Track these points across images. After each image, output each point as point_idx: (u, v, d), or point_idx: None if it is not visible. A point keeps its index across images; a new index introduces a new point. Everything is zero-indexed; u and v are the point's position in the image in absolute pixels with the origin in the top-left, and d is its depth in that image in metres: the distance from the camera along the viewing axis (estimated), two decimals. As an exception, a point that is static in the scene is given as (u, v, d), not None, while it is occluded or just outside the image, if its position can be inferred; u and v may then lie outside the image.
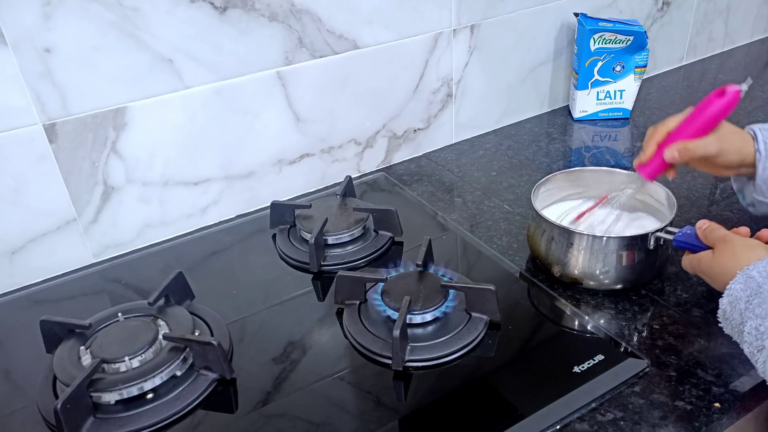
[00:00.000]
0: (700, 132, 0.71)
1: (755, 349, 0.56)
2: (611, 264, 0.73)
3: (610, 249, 0.72)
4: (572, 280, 0.76)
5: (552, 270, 0.77)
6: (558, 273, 0.77)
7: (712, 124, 0.71)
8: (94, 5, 0.75)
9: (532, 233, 0.79)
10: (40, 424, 0.63)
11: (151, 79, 0.82)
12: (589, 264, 0.74)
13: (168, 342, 0.67)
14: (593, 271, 0.74)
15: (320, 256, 0.83)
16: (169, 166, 0.88)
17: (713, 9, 1.40)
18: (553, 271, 0.77)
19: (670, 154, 0.72)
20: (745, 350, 0.58)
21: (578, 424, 0.60)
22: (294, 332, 0.73)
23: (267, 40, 0.88)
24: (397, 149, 1.09)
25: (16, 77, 0.74)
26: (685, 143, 0.71)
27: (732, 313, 0.59)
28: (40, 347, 0.69)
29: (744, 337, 0.57)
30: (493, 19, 1.08)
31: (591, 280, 0.75)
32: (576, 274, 0.75)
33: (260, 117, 0.93)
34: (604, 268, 0.73)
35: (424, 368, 0.66)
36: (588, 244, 0.73)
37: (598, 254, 0.73)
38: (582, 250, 0.73)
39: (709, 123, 0.71)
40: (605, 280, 0.74)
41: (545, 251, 0.77)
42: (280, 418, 0.63)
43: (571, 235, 0.74)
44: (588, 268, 0.74)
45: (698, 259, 0.68)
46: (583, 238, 0.73)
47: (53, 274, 0.86)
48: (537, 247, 0.78)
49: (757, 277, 0.58)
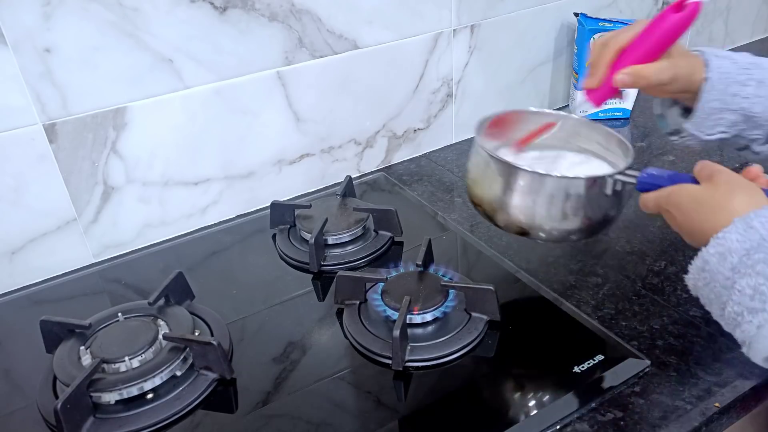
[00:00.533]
0: (655, 51, 0.64)
1: (747, 310, 0.50)
2: (565, 210, 0.63)
3: (562, 192, 0.63)
4: (519, 230, 0.67)
5: (495, 219, 0.68)
6: (503, 222, 0.67)
7: (668, 42, 0.64)
8: (94, 5, 0.76)
9: (474, 175, 0.70)
10: (40, 424, 0.63)
11: (151, 79, 0.82)
12: (537, 210, 0.64)
13: (168, 342, 0.67)
14: (542, 219, 0.64)
15: (320, 256, 0.83)
16: (169, 166, 0.88)
17: (713, 9, 1.40)
18: (497, 220, 0.67)
19: (622, 80, 0.64)
20: (726, 313, 0.52)
21: (578, 424, 0.60)
22: (294, 332, 0.73)
23: (267, 40, 0.88)
24: (397, 149, 1.09)
25: (16, 77, 0.74)
26: (638, 69, 0.64)
27: (718, 266, 0.52)
28: (40, 347, 0.69)
29: (732, 296, 0.51)
30: (493, 19, 1.08)
31: (540, 231, 0.66)
32: (523, 221, 0.65)
33: (260, 117, 0.93)
34: (556, 215, 0.64)
35: (424, 368, 0.66)
36: (536, 185, 0.63)
37: (549, 198, 0.63)
38: (529, 192, 0.63)
39: (664, 41, 0.64)
40: (553, 232, 0.66)
41: (488, 195, 0.67)
42: (280, 418, 0.63)
43: (516, 173, 0.63)
44: (536, 214, 0.64)
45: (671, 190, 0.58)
46: (531, 177, 0.63)
47: (53, 274, 0.86)
48: (478, 189, 0.68)
49: (759, 227, 0.50)
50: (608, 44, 0.65)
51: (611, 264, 0.81)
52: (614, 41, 0.65)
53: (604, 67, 0.65)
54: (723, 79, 0.66)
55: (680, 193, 0.57)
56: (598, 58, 0.66)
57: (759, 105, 0.66)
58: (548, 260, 0.82)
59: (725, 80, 0.66)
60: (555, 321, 0.74)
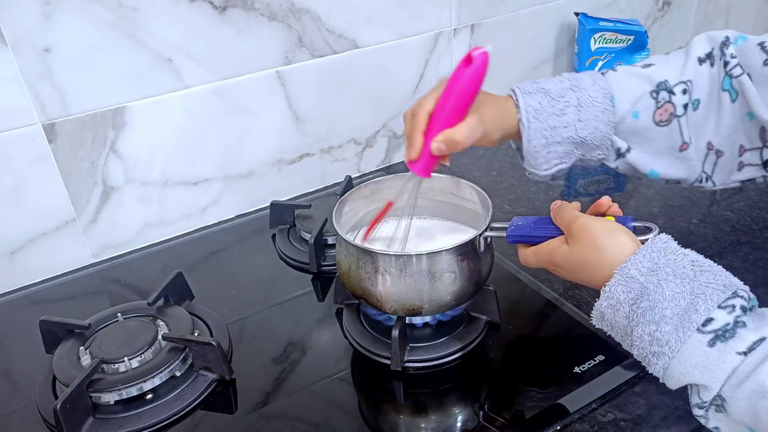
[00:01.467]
0: (460, 110, 0.61)
1: (651, 354, 0.51)
2: (448, 281, 0.63)
3: (441, 266, 0.62)
4: (410, 312, 0.64)
5: (384, 308, 0.65)
6: (392, 309, 0.64)
7: (470, 96, 0.61)
8: (94, 5, 0.75)
9: (347, 269, 0.66)
10: (40, 424, 0.63)
11: (150, 78, 0.82)
12: (427, 289, 0.63)
13: (167, 342, 0.67)
14: (431, 295, 0.63)
15: (320, 256, 0.83)
16: (168, 166, 0.88)
17: (714, 9, 1.40)
18: (386, 309, 0.65)
19: (438, 148, 0.62)
20: (635, 353, 0.53)
21: (578, 424, 0.60)
22: (294, 332, 0.73)
23: (267, 40, 0.88)
24: (397, 149, 1.09)
25: (15, 77, 0.74)
26: (449, 134, 0.61)
27: (614, 316, 0.53)
28: (40, 347, 0.69)
29: (634, 341, 0.52)
30: (494, 18, 1.08)
31: (430, 306, 0.64)
32: (415, 304, 0.63)
33: (260, 117, 0.92)
34: (441, 288, 0.63)
35: (424, 368, 0.66)
36: (413, 267, 0.62)
37: (431, 275, 0.62)
38: (408, 275, 0.62)
39: (465, 98, 0.61)
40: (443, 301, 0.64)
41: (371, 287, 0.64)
42: (280, 418, 0.63)
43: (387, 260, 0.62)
44: (425, 293, 0.63)
45: (548, 251, 0.58)
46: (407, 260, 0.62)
47: (53, 274, 0.86)
48: (359, 283, 0.65)
49: (637, 276, 0.51)
50: (417, 113, 0.63)
51: (611, 264, 0.80)
52: (421, 108, 0.63)
53: (419, 136, 0.63)
54: (536, 116, 0.65)
55: (555, 254, 0.58)
56: (411, 128, 0.63)
57: (585, 129, 0.65)
58: (548, 260, 0.82)
59: (539, 116, 0.65)
60: (555, 321, 0.73)
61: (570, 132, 0.65)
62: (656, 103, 0.66)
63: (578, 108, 0.65)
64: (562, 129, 0.65)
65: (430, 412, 0.63)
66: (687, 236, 0.84)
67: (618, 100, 0.66)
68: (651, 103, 0.66)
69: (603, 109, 0.65)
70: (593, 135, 0.66)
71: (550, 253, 0.59)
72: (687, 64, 0.66)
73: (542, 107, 0.65)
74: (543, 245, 0.60)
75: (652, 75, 0.67)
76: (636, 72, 0.68)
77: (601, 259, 0.54)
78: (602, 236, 0.54)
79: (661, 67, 0.67)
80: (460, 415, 0.63)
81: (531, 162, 0.67)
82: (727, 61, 0.65)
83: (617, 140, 0.67)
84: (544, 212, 0.62)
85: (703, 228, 0.86)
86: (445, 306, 0.65)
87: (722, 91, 0.65)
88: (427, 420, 0.62)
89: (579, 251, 0.56)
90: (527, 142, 0.65)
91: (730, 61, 0.64)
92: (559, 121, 0.65)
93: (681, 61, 0.67)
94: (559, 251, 0.58)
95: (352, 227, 0.72)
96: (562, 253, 0.57)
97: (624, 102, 0.66)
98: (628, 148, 0.67)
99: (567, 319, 0.73)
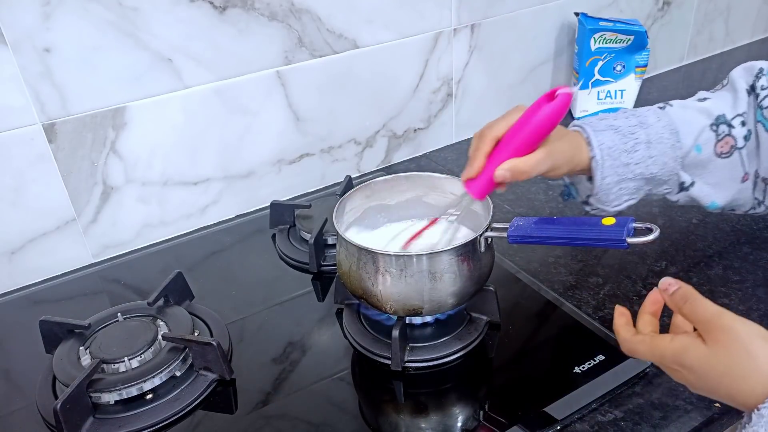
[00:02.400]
0: (531, 141, 0.61)
1: None
2: (448, 281, 0.63)
3: (442, 266, 0.63)
4: (410, 312, 0.65)
5: (384, 308, 0.65)
6: (392, 309, 0.65)
7: (544, 132, 0.61)
8: (94, 5, 0.75)
9: (348, 269, 0.66)
10: (40, 424, 0.63)
11: (150, 78, 0.82)
12: (427, 289, 0.63)
13: (167, 342, 0.67)
14: (432, 296, 0.64)
15: (320, 256, 0.83)
16: (168, 166, 0.88)
17: (714, 9, 1.40)
18: (386, 309, 0.65)
19: (502, 175, 0.61)
20: None
21: (578, 424, 0.60)
22: (294, 332, 0.73)
23: (266, 40, 0.88)
24: (397, 149, 1.09)
25: (15, 77, 0.74)
26: (516, 163, 0.61)
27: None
28: (40, 347, 0.69)
29: None
30: (494, 18, 1.08)
31: (430, 306, 0.65)
32: (415, 304, 0.64)
33: (260, 116, 0.92)
34: (441, 289, 0.63)
35: (424, 368, 0.66)
36: (414, 267, 0.62)
37: (432, 275, 0.63)
38: (409, 275, 0.62)
39: (539, 131, 0.60)
40: (443, 302, 0.65)
41: (372, 287, 0.64)
42: (280, 418, 0.63)
43: (388, 260, 0.63)
44: (426, 293, 0.63)
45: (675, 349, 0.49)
46: (407, 260, 0.62)
47: (52, 274, 0.86)
48: (360, 283, 0.65)
49: None
50: (485, 135, 0.63)
51: (612, 264, 0.80)
52: (490, 132, 0.62)
53: (481, 158, 0.62)
54: (610, 154, 0.65)
55: (688, 354, 0.48)
56: (475, 149, 0.63)
57: (655, 165, 0.66)
58: (549, 260, 0.82)
59: (612, 154, 0.65)
60: (555, 321, 0.73)
61: (641, 168, 0.66)
62: (717, 136, 0.67)
63: (648, 145, 0.65)
64: (634, 166, 0.66)
65: (431, 412, 0.63)
66: (687, 236, 0.84)
67: (682, 134, 0.66)
68: (712, 136, 0.67)
69: (671, 145, 0.66)
70: (663, 171, 0.66)
71: (679, 352, 0.48)
72: (738, 98, 0.68)
73: (615, 145, 0.65)
74: (666, 338, 0.50)
75: (709, 108, 0.68)
76: (693, 105, 0.69)
77: (753, 367, 0.45)
78: (756, 343, 0.45)
79: (715, 101, 0.69)
80: (460, 415, 0.63)
81: (602, 199, 0.67)
82: (757, 93, 0.66)
83: (683, 174, 0.68)
84: (545, 212, 0.62)
85: (703, 228, 0.86)
86: (445, 306, 0.65)
87: (757, 122, 0.67)
88: (428, 420, 0.62)
89: (723, 355, 0.46)
90: (601, 179, 0.65)
91: (760, 93, 0.66)
92: (630, 158, 0.65)
93: (730, 95, 0.69)
94: (693, 351, 0.47)
95: (351, 224, 0.73)
96: (698, 355, 0.47)
97: (688, 136, 0.66)
98: (692, 182, 0.68)
99: (567, 319, 0.73)
